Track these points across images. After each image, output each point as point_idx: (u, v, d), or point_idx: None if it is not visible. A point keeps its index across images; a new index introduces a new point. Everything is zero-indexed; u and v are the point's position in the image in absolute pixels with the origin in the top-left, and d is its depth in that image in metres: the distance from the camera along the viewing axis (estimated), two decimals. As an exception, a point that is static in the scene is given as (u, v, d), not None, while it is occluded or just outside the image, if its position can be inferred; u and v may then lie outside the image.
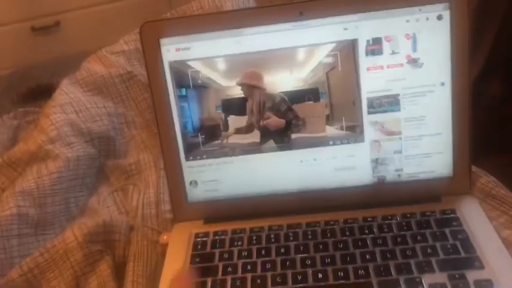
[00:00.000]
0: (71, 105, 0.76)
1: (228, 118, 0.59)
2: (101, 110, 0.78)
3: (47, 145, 0.69)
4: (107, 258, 0.58)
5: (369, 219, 0.58)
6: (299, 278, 0.52)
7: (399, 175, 0.60)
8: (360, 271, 0.52)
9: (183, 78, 0.58)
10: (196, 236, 0.60)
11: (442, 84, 0.57)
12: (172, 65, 0.58)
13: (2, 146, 0.79)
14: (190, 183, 0.61)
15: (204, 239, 0.59)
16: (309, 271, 0.53)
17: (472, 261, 0.51)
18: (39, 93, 0.92)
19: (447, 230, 0.55)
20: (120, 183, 0.71)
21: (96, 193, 0.70)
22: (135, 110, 0.81)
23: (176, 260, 0.57)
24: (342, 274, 0.52)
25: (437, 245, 0.53)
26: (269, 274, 0.53)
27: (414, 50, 0.57)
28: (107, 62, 0.84)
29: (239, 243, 0.58)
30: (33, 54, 1.86)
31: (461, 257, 0.52)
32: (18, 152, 0.70)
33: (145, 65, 0.57)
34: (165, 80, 0.58)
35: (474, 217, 0.57)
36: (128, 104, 0.81)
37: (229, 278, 0.53)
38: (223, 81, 0.58)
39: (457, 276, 0.49)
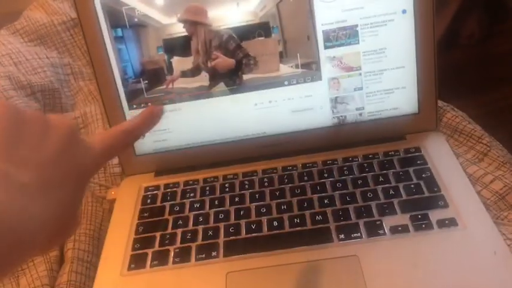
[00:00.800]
0: (9, 56, 0.69)
1: (172, 60, 0.54)
2: (43, 61, 0.71)
3: (-19, 101, 0.63)
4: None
5: (328, 162, 0.54)
6: (253, 227, 0.49)
7: (361, 114, 0.56)
8: (317, 216, 0.48)
9: (118, 17, 0.52)
10: (146, 189, 0.56)
11: (404, 11, 0.52)
12: (104, 2, 0.52)
13: None
14: (137, 133, 0.57)
15: (154, 192, 0.55)
16: (264, 220, 0.49)
17: (435, 200, 0.48)
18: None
19: (411, 170, 0.52)
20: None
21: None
22: (82, 59, 0.75)
23: (123, 215, 0.53)
24: (298, 221, 0.48)
25: (400, 185, 0.50)
26: (222, 225, 0.50)
27: (372, -26, 0.51)
28: (49, 9, 0.77)
29: (191, 195, 0.54)
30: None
31: (424, 197, 0.48)
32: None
33: (74, 5, 0.51)
34: (98, 21, 0.52)
35: (440, 154, 0.53)
36: (74, 53, 0.75)
37: (179, 232, 0.50)
38: (162, 19, 0.52)
39: (419, 216, 0.46)
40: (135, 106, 0.55)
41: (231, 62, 0.54)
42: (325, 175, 0.53)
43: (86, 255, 0.49)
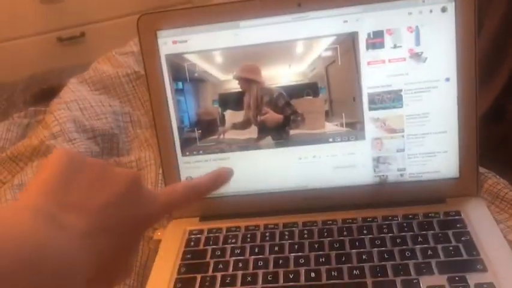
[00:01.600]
0: (76, 102, 0.76)
1: (225, 113, 0.58)
2: (106, 108, 0.78)
3: (48, 140, 0.69)
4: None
5: (368, 219, 0.56)
6: (291, 276, 0.50)
7: (402, 175, 0.57)
8: (354, 271, 0.49)
9: (180, 72, 0.57)
10: (190, 232, 0.59)
11: (447, 79, 0.55)
12: (169, 57, 0.57)
13: (10, 143, 0.79)
14: (187, 179, 0.60)
15: (198, 236, 0.58)
16: (302, 270, 0.50)
17: (474, 263, 0.48)
18: (51, 93, 0.92)
19: (450, 232, 0.52)
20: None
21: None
22: (141, 109, 0.81)
23: (167, 256, 0.56)
24: (335, 274, 0.49)
25: (439, 246, 0.50)
26: (260, 272, 0.51)
27: (417, 43, 0.54)
28: (115, 62, 0.85)
29: (233, 241, 0.56)
30: (59, 63, 1.90)
31: (463, 260, 0.49)
32: (21, 146, 0.71)
33: (142, 57, 0.57)
34: (162, 73, 0.57)
35: (480, 219, 0.54)
36: (134, 103, 0.81)
37: (219, 275, 0.52)
38: (220, 75, 0.57)
39: (457, 278, 0.47)
40: (187, 153, 0.59)
41: (279, 118, 0.58)
42: (365, 231, 0.54)
43: (130, 291, 0.52)
